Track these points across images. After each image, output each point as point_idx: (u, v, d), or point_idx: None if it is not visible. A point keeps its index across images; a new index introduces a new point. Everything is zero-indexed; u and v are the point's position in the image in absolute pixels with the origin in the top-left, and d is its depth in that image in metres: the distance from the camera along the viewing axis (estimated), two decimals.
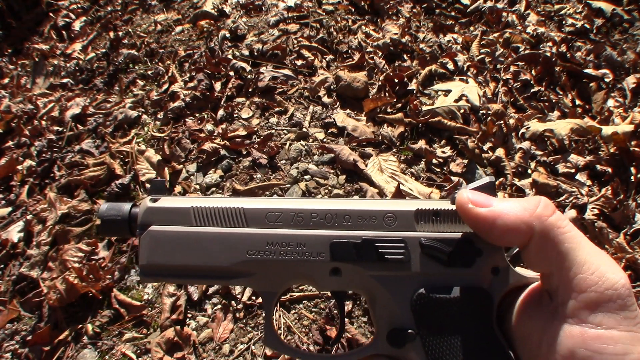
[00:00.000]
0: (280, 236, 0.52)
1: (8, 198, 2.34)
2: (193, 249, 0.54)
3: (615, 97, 2.40)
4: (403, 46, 2.64)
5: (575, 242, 0.44)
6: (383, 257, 0.49)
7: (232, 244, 0.53)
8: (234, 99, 2.40)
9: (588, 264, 0.42)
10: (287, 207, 0.53)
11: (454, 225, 0.48)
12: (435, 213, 0.49)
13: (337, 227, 0.51)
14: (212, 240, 0.53)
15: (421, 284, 0.49)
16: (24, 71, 3.39)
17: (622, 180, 1.93)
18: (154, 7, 3.50)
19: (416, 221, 0.49)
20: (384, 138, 2.12)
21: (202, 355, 1.57)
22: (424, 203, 0.50)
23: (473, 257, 0.47)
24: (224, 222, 0.54)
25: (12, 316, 1.81)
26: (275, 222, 0.52)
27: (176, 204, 0.55)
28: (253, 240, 0.53)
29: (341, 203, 0.52)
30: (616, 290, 0.41)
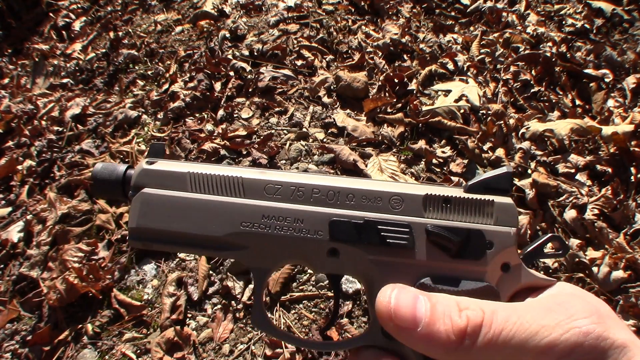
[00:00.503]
0: (278, 210, 0.49)
1: (8, 198, 2.34)
2: (185, 216, 0.51)
3: (615, 97, 2.40)
4: (403, 46, 2.64)
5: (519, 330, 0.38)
6: (385, 241, 0.46)
7: (226, 214, 0.51)
8: (234, 99, 2.40)
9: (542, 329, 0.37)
10: (288, 180, 0.50)
11: (465, 215, 0.45)
12: (445, 200, 0.45)
13: (339, 205, 0.48)
14: (205, 208, 0.51)
15: (425, 274, 0.46)
16: (24, 71, 3.39)
17: (622, 180, 1.93)
18: (154, 7, 3.50)
19: (424, 206, 0.46)
20: (384, 138, 2.12)
21: (202, 355, 1.58)
22: (434, 188, 0.47)
23: (483, 250, 0.44)
24: (220, 190, 0.51)
25: (12, 316, 1.81)
26: (274, 194, 0.50)
27: (172, 168, 0.53)
28: (248, 211, 0.50)
29: (346, 181, 0.49)
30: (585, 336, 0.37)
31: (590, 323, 0.37)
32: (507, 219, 0.45)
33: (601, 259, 1.65)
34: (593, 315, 0.38)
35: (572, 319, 0.38)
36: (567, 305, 0.39)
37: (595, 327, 0.37)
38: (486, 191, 0.46)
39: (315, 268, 0.50)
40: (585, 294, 0.44)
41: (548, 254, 0.45)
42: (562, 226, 1.81)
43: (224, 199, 0.51)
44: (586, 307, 0.39)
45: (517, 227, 0.45)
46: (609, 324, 0.38)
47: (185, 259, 1.82)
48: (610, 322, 0.39)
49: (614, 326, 0.39)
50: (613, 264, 1.63)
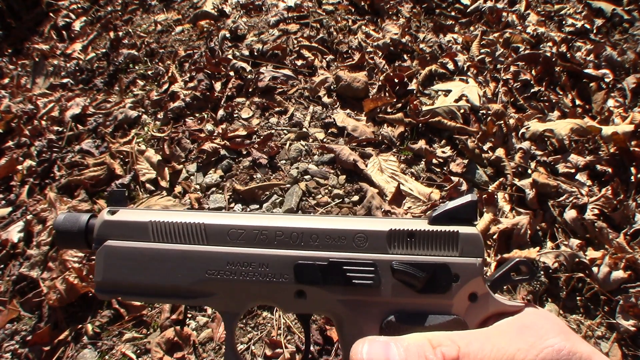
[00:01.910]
0: (242, 256, 0.49)
1: (8, 198, 2.34)
2: (149, 267, 0.51)
3: (615, 97, 2.40)
4: (403, 46, 2.64)
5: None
6: (350, 282, 0.46)
7: (190, 263, 0.50)
8: (234, 99, 2.40)
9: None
10: (250, 224, 0.49)
11: (430, 249, 0.45)
12: (410, 234, 0.45)
13: (303, 246, 0.47)
14: (169, 257, 0.50)
15: (392, 310, 0.46)
16: (24, 71, 3.39)
17: (622, 180, 1.93)
18: (154, 7, 3.50)
19: (389, 243, 0.46)
20: (384, 138, 2.12)
21: (202, 355, 1.58)
22: (398, 222, 0.46)
23: (449, 283, 0.44)
24: (183, 238, 0.51)
25: (12, 316, 1.81)
26: (237, 239, 0.49)
27: (133, 218, 0.52)
28: (212, 259, 0.50)
29: (309, 220, 0.49)
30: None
31: (561, 341, 0.40)
32: (472, 249, 0.44)
33: (601, 259, 1.65)
34: (562, 333, 0.41)
35: (544, 339, 0.40)
36: (536, 327, 0.41)
37: (565, 343, 0.39)
38: (451, 222, 0.45)
39: (284, 309, 0.50)
40: (547, 313, 0.46)
41: (515, 279, 0.45)
42: (562, 226, 1.81)
43: (187, 248, 0.50)
44: (554, 326, 0.42)
45: (483, 258, 0.45)
46: (574, 339, 0.41)
47: None
48: (574, 338, 0.42)
49: (578, 341, 0.41)
50: (613, 264, 1.63)
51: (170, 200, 1.99)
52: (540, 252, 1.70)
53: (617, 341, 1.53)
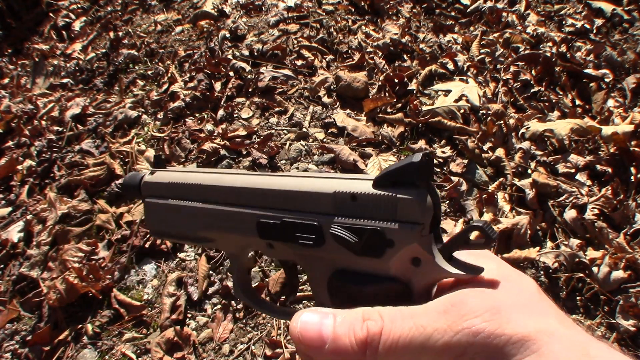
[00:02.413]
0: (221, 212, 0.56)
1: (8, 198, 2.34)
2: (169, 219, 0.62)
3: (615, 97, 2.40)
4: (403, 46, 2.64)
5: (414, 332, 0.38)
6: (297, 240, 0.49)
7: (192, 216, 0.59)
8: (234, 99, 2.40)
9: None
10: (228, 185, 0.56)
11: (370, 212, 0.45)
12: (352, 196, 0.46)
13: (264, 206, 0.52)
14: (179, 211, 0.60)
15: (335, 269, 0.49)
16: (24, 71, 3.39)
17: (622, 180, 1.93)
18: (154, 7, 3.50)
19: (334, 204, 0.47)
20: (384, 138, 2.12)
21: (202, 355, 1.58)
22: (344, 184, 0.47)
23: (383, 248, 0.44)
24: (188, 196, 0.60)
25: (12, 316, 1.81)
26: (220, 198, 0.56)
27: (160, 180, 0.63)
28: (204, 214, 0.58)
29: (268, 181, 0.53)
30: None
31: (482, 322, 0.37)
32: (408, 215, 0.43)
33: (601, 259, 1.65)
34: (487, 312, 0.38)
35: (463, 320, 0.38)
36: (460, 304, 0.39)
37: (486, 325, 0.37)
38: (394, 185, 0.44)
39: (267, 255, 0.61)
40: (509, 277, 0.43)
41: (472, 243, 0.42)
42: (562, 226, 1.81)
43: (188, 204, 0.59)
44: (482, 303, 0.39)
45: (419, 223, 0.43)
46: (508, 318, 0.37)
47: (185, 259, 1.82)
48: (512, 316, 0.38)
49: (517, 319, 0.37)
50: (613, 264, 1.63)
51: None
52: (540, 252, 1.70)
53: (617, 341, 1.53)
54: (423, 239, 0.43)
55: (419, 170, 0.42)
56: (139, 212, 1.97)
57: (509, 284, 0.42)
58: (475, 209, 1.84)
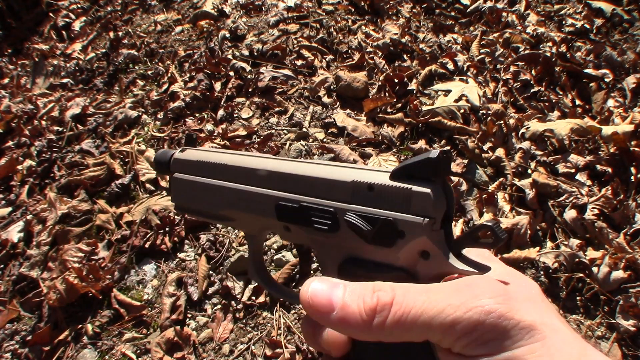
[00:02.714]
0: (242, 192, 0.57)
1: (8, 198, 2.34)
2: (195, 196, 0.64)
3: (615, 97, 2.40)
4: (403, 46, 2.64)
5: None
6: (312, 225, 0.51)
7: (215, 194, 0.61)
8: (234, 99, 2.40)
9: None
10: (251, 167, 0.57)
11: (385, 203, 0.46)
12: (369, 187, 0.47)
13: (284, 189, 0.54)
14: (204, 189, 0.62)
15: (346, 255, 0.50)
16: (24, 71, 3.39)
17: (622, 180, 1.93)
18: (154, 7, 3.50)
19: (351, 192, 0.49)
20: (384, 138, 2.12)
21: (202, 355, 1.58)
22: (362, 174, 0.49)
23: (394, 238, 0.46)
24: (213, 174, 0.61)
25: (12, 316, 1.81)
26: (243, 178, 0.58)
27: (189, 157, 0.65)
28: (226, 193, 0.59)
29: (290, 166, 0.54)
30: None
31: (494, 303, 0.38)
32: (421, 208, 0.44)
33: (601, 259, 1.65)
34: (499, 296, 0.39)
35: (477, 299, 0.39)
36: (474, 286, 0.41)
37: (498, 306, 0.38)
38: (410, 178, 0.45)
39: (282, 238, 0.58)
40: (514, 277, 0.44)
41: (481, 242, 0.44)
42: (562, 226, 1.81)
43: (213, 182, 0.61)
44: (494, 288, 0.40)
45: (431, 217, 0.44)
46: (517, 306, 0.39)
47: (185, 259, 1.82)
48: (521, 305, 0.39)
49: (525, 309, 0.39)
50: (613, 264, 1.63)
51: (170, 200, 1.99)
52: (540, 252, 1.70)
53: (617, 341, 1.53)
54: (433, 233, 0.44)
55: (435, 166, 0.43)
56: (139, 212, 1.97)
57: (516, 281, 0.43)
58: (475, 209, 1.84)
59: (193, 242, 1.86)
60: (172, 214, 1.91)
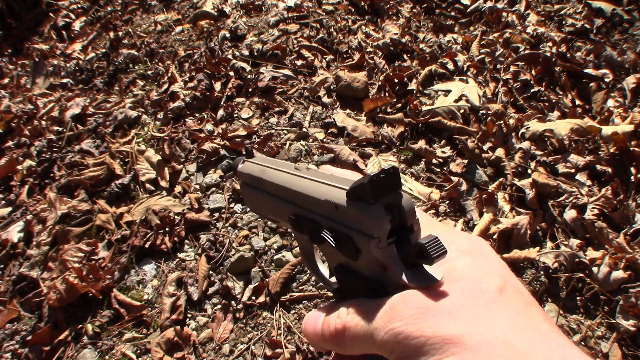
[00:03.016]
0: (273, 203, 0.66)
1: (8, 198, 2.34)
2: (254, 201, 0.73)
3: (615, 97, 2.40)
4: (403, 46, 2.64)
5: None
6: (310, 236, 0.58)
7: (261, 204, 0.70)
8: (234, 99, 2.40)
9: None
10: (273, 182, 0.65)
11: (346, 220, 0.50)
12: (335, 206, 0.51)
13: (293, 203, 0.61)
14: (256, 199, 0.71)
15: (337, 262, 0.56)
16: (24, 71, 3.39)
17: (622, 180, 1.93)
18: (154, 7, 3.50)
19: (326, 209, 0.54)
20: (384, 138, 2.12)
21: (202, 355, 1.58)
22: (331, 193, 0.52)
23: (356, 253, 0.50)
24: (259, 187, 0.69)
25: (12, 316, 1.81)
26: (274, 191, 0.66)
27: (244, 170, 0.73)
28: (267, 203, 0.68)
29: (297, 182, 0.61)
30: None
31: (402, 325, 0.41)
32: (366, 229, 0.47)
33: (601, 259, 1.65)
34: (410, 316, 0.41)
35: (390, 322, 0.42)
36: (393, 309, 0.43)
37: (405, 328, 0.40)
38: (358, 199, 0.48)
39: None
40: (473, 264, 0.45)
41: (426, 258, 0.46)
42: (562, 226, 1.81)
43: (259, 194, 0.69)
44: (411, 307, 0.42)
45: (374, 237, 0.46)
46: (434, 320, 0.39)
47: (185, 259, 1.82)
48: (440, 318, 0.39)
49: (447, 321, 0.39)
50: (613, 264, 1.63)
51: (170, 200, 1.99)
52: (540, 252, 1.70)
53: (617, 341, 1.53)
54: (382, 250, 0.47)
55: (369, 190, 0.45)
56: (139, 212, 1.97)
57: (463, 284, 0.42)
58: (475, 209, 1.84)
59: (193, 242, 1.86)
60: (172, 214, 1.91)
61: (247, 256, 1.74)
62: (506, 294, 0.41)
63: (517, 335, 0.37)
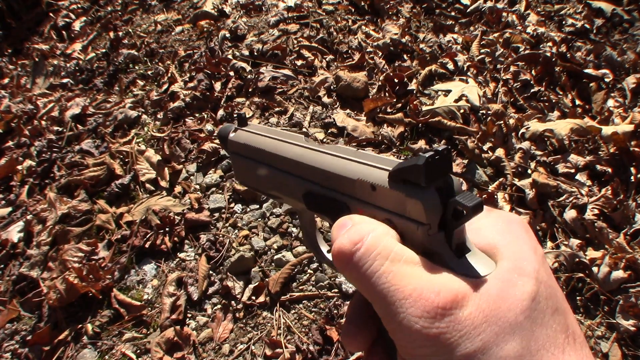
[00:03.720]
0: (279, 177, 0.61)
1: (8, 198, 2.34)
2: (247, 173, 0.67)
3: (615, 97, 2.40)
4: (403, 46, 2.64)
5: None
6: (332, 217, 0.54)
7: (260, 176, 0.64)
8: (234, 99, 2.40)
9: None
10: (282, 155, 0.60)
11: (387, 202, 0.47)
12: (372, 186, 0.48)
13: (308, 178, 0.57)
14: (252, 170, 0.65)
15: None
16: (24, 71, 3.39)
17: (622, 180, 1.93)
18: (154, 7, 3.50)
19: (358, 189, 0.50)
20: (384, 138, 2.12)
21: (202, 355, 1.58)
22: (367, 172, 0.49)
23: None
24: (258, 157, 0.64)
25: (12, 316, 1.81)
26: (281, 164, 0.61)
27: (237, 139, 0.67)
28: (269, 176, 0.63)
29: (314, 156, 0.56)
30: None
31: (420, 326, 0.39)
32: (414, 215, 0.44)
33: (601, 259, 1.65)
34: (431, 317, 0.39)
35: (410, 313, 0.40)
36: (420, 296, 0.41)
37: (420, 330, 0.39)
38: (405, 182, 0.45)
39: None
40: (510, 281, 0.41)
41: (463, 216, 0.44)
42: (562, 226, 1.81)
43: (257, 165, 0.64)
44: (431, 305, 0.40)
45: (424, 224, 0.43)
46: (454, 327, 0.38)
47: (185, 259, 1.82)
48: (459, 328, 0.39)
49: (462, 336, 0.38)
50: (613, 264, 1.63)
51: (170, 200, 1.99)
52: None
53: (617, 341, 1.53)
54: (430, 237, 0.44)
55: (423, 172, 0.42)
56: (139, 212, 1.97)
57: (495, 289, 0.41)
58: None
59: (193, 242, 1.86)
60: (172, 214, 1.91)
61: (247, 256, 1.74)
62: (536, 300, 0.40)
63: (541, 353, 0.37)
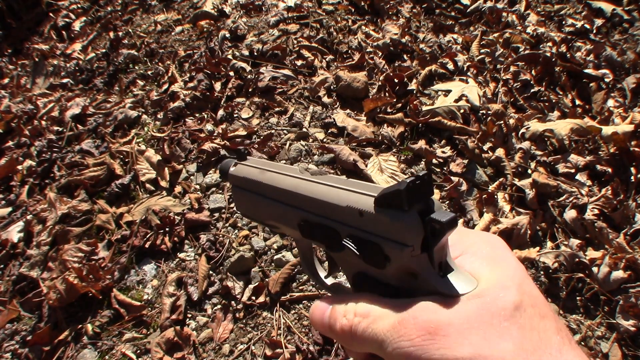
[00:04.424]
0: (275, 208, 0.63)
1: (8, 198, 2.34)
2: (247, 205, 0.70)
3: (615, 97, 2.40)
4: (403, 46, 2.64)
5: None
6: (325, 244, 0.56)
7: (259, 208, 0.67)
8: (234, 99, 2.40)
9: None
10: (278, 186, 0.62)
11: (375, 227, 0.49)
12: (359, 212, 0.50)
13: (303, 208, 0.58)
14: (252, 203, 0.68)
15: (357, 270, 0.54)
16: (24, 71, 3.39)
17: (622, 180, 1.93)
18: (154, 7, 3.50)
19: (348, 216, 0.52)
20: (384, 138, 2.12)
21: (202, 355, 1.58)
22: (355, 199, 0.51)
23: (384, 261, 0.48)
24: (256, 190, 0.66)
25: (12, 316, 1.81)
26: (277, 195, 0.63)
27: (238, 174, 0.70)
28: (266, 207, 0.65)
29: (308, 187, 0.58)
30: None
31: (411, 346, 0.41)
32: (399, 237, 0.46)
33: (601, 259, 1.65)
34: (419, 337, 0.41)
35: (399, 339, 0.42)
36: (402, 324, 0.43)
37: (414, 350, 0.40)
38: (389, 206, 0.47)
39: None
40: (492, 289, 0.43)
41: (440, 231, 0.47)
42: (562, 226, 1.81)
43: (255, 197, 0.66)
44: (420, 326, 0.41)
45: (408, 245, 0.45)
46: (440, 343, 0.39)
47: (185, 259, 1.82)
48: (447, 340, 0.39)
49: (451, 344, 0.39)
50: (613, 264, 1.63)
51: (170, 200, 1.99)
52: (540, 252, 1.70)
53: (617, 341, 1.53)
54: (414, 259, 0.46)
55: (405, 197, 0.44)
56: (139, 212, 1.97)
57: (480, 300, 0.42)
58: (475, 209, 1.84)
59: (193, 242, 1.86)
60: (172, 214, 1.91)
61: (247, 256, 1.74)
62: (521, 309, 0.41)
63: (526, 358, 0.38)
